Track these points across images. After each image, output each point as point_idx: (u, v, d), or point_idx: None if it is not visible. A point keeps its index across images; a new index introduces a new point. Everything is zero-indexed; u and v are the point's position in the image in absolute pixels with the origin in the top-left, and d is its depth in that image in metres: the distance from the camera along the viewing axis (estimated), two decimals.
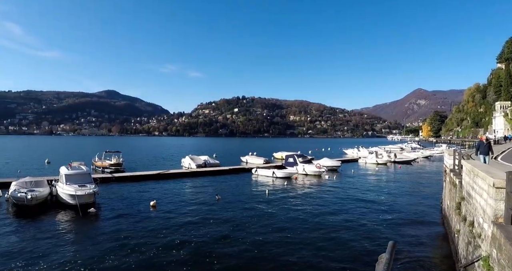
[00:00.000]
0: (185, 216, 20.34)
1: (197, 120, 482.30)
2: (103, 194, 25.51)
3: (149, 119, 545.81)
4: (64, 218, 20.22)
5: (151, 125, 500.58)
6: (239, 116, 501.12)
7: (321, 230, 17.37)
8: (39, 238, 16.20)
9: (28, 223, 19.05)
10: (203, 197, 26.40)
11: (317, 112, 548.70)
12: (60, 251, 14.36)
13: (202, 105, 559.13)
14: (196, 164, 44.84)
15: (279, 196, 27.07)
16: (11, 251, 14.26)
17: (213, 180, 35.75)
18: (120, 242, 15.39)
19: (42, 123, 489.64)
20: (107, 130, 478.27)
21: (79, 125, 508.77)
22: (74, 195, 21.84)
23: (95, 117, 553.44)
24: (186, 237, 16.06)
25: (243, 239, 15.76)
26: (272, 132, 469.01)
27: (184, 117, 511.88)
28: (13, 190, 23.11)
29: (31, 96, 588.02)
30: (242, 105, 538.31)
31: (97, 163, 44.68)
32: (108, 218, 20.21)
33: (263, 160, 53.52)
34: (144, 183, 33.04)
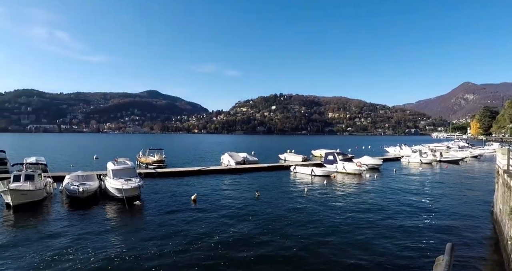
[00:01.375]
0: (225, 211, 20.89)
1: (235, 118, 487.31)
2: (147, 188, 26.81)
3: (189, 118, 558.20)
4: (111, 210, 21.51)
5: (190, 123, 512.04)
6: (276, 114, 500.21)
7: (364, 231, 16.96)
8: (88, 227, 17.45)
9: (80, 213, 20.48)
10: (242, 193, 26.95)
11: (357, 109, 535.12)
12: (106, 239, 15.41)
13: (240, 103, 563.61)
14: (235, 160, 45.62)
15: (318, 194, 26.95)
16: (64, 238, 15.54)
17: (252, 177, 36.26)
18: (162, 234, 16.18)
19: (90, 122, 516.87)
20: (150, 129, 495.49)
21: (123, 123, 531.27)
22: (121, 189, 23.11)
23: (138, 116, 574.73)
24: (225, 232, 16.52)
25: (283, 236, 15.91)
26: (310, 129, 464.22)
27: (223, 115, 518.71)
28: (67, 183, 25.06)
29: (80, 97, 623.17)
30: (279, 102, 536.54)
31: (141, 159, 46.69)
32: (152, 210, 21.23)
33: (301, 158, 53.41)
34: (185, 179, 34.17)
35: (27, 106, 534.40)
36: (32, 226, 17.87)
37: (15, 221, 18.85)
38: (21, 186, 22.30)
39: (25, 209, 20.99)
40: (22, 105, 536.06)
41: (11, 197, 20.95)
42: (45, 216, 20.04)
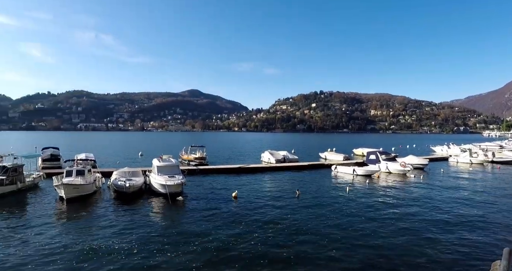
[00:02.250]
0: (265, 208, 20.96)
1: (275, 116, 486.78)
2: (189, 185, 27.52)
3: (229, 116, 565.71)
4: (155, 205, 22.27)
5: (231, 122, 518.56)
6: (317, 112, 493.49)
7: (409, 234, 16.22)
8: (133, 220, 18.25)
9: (126, 207, 21.44)
10: (283, 191, 26.90)
11: (401, 106, 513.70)
12: (150, 233, 15.99)
13: (279, 101, 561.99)
14: (276, 158, 45.65)
15: (360, 194, 26.33)
16: (110, 229, 16.42)
17: (292, 175, 36.09)
18: (203, 229, 16.50)
19: (135, 121, 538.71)
20: (191, 127, 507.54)
21: (166, 122, 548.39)
22: (165, 185, 23.84)
23: (180, 115, 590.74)
24: (264, 229, 16.55)
25: (322, 236, 15.71)
26: (351, 127, 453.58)
27: (262, 114, 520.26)
28: (114, 178, 26.31)
29: (126, 97, 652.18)
30: (320, 100, 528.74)
31: (183, 156, 47.91)
32: (194, 206, 21.78)
33: (342, 156, 52.34)
34: (226, 176, 34.68)
35: (78, 106, 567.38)
36: (82, 217, 19.05)
37: (67, 213, 20.15)
38: (73, 181, 23.69)
39: (77, 201, 22.33)
40: (73, 105, 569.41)
41: (64, 191, 22.32)
42: (94, 209, 21.15)
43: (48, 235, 15.61)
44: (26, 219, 18.70)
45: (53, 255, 13.20)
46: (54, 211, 20.48)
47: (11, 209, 20.69)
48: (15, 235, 15.72)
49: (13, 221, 18.13)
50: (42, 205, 22.12)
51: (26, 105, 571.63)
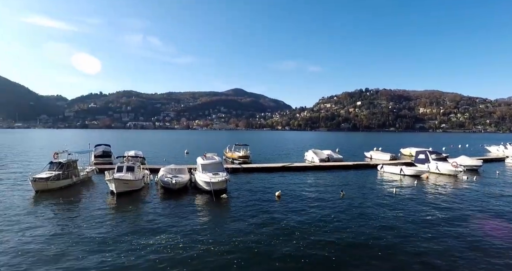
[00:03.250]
0: (308, 208, 20.65)
1: (319, 115, 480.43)
2: (233, 183, 27.77)
3: (272, 115, 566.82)
4: (200, 201, 22.71)
5: (274, 120, 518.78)
6: (362, 110, 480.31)
7: (458, 241, 15.25)
8: (179, 215, 18.78)
9: (172, 202, 22.10)
10: (326, 191, 26.40)
11: (452, 103, 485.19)
12: (194, 228, 16.33)
13: (323, 100, 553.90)
14: (320, 158, 44.97)
15: (407, 195, 25.23)
16: (157, 223, 16.96)
17: (337, 175, 35.35)
18: (246, 227, 16.58)
19: (181, 119, 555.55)
20: (235, 125, 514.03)
21: (211, 121, 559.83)
22: (209, 182, 24.24)
23: (224, 113, 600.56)
24: (307, 229, 16.29)
25: (367, 237, 15.24)
26: (398, 126, 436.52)
27: (306, 112, 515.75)
28: (161, 175, 27.20)
29: (172, 97, 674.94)
30: (365, 98, 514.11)
31: (227, 154, 48.53)
32: (237, 203, 21.90)
33: (389, 156, 50.54)
34: (269, 174, 34.63)
35: (127, 106, 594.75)
36: (130, 210, 19.92)
37: (117, 206, 21.19)
38: (123, 176, 24.80)
39: (126, 196, 23.41)
40: (123, 105, 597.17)
41: (115, 185, 23.43)
42: (142, 203, 22.00)
43: (98, 226, 16.54)
44: (80, 210, 19.92)
45: (101, 244, 13.94)
46: (105, 204, 21.59)
47: (67, 201, 22.14)
48: (70, 224, 16.86)
49: (68, 212, 19.42)
50: (94, 198, 23.42)
51: (80, 105, 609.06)
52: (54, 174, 25.83)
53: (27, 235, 15.15)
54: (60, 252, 13.15)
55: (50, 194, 24.00)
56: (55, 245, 13.93)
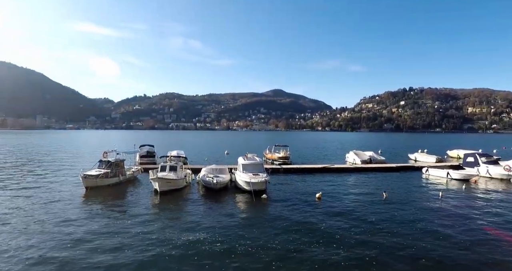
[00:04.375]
0: (349, 210, 20.26)
1: (360, 115, 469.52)
2: (273, 183, 27.88)
3: (312, 115, 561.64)
4: (240, 201, 22.99)
5: (314, 121, 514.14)
6: (405, 110, 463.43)
7: (504, 252, 14.24)
8: (219, 215, 19.14)
9: (213, 202, 22.60)
10: (368, 193, 25.80)
11: (504, 102, 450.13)
12: (233, 227, 16.57)
13: (365, 100, 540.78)
14: (361, 159, 44.00)
15: (455, 200, 23.89)
16: (198, 222, 17.46)
17: (379, 177, 34.38)
18: (286, 228, 16.49)
19: (221, 120, 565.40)
20: (275, 126, 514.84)
21: (250, 121, 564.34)
22: (249, 182, 24.44)
23: (264, 114, 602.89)
24: (347, 231, 16.00)
25: (410, 243, 14.63)
26: (445, 127, 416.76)
27: (347, 112, 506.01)
28: (203, 174, 27.84)
29: (213, 98, 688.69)
30: (409, 97, 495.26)
31: (267, 155, 48.67)
32: (277, 204, 21.87)
33: (435, 158, 48.35)
34: (309, 176, 34.39)
35: (170, 107, 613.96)
36: (173, 209, 20.63)
37: (160, 204, 22.00)
38: (166, 175, 25.64)
39: (169, 194, 24.14)
40: (166, 106, 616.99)
41: (158, 184, 24.27)
42: (184, 202, 22.69)
43: (142, 223, 17.26)
44: (125, 207, 20.93)
45: (144, 240, 14.51)
46: (149, 202, 22.46)
47: (114, 198, 23.39)
48: (115, 220, 17.74)
49: (114, 208, 20.44)
50: (139, 196, 24.46)
51: (125, 107, 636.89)
52: (103, 172, 27.20)
53: (75, 229, 16.12)
54: (104, 246, 13.83)
55: (99, 190, 25.37)
56: (101, 239, 14.69)
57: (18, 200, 22.32)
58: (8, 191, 25.21)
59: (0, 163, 45.20)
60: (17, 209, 19.90)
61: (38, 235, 15.12)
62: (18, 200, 22.17)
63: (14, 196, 23.34)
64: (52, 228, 16.25)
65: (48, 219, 17.73)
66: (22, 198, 22.99)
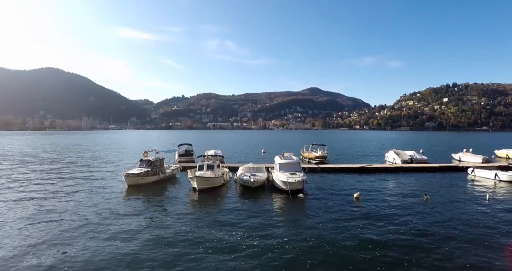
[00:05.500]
0: (389, 212, 19.66)
1: (400, 113, 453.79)
2: (310, 183, 27.66)
3: (350, 114, 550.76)
4: (276, 200, 23.02)
5: (352, 119, 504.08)
6: (449, 107, 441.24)
7: None
8: (256, 213, 19.36)
9: (250, 200, 22.83)
10: (408, 194, 24.87)
11: None
12: (270, 226, 16.66)
13: (405, 97, 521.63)
14: (402, 159, 42.59)
15: (503, 204, 22.27)
16: (234, 220, 17.75)
17: (420, 178, 33.07)
18: (322, 229, 16.26)
19: (257, 119, 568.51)
20: (311, 125, 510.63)
21: (287, 120, 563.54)
22: (286, 181, 24.39)
23: (300, 113, 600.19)
24: (385, 234, 15.50)
25: (452, 247, 13.95)
26: (493, 125, 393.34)
27: (386, 110, 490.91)
28: (240, 173, 28.19)
29: (249, 98, 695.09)
30: (452, 94, 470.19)
31: (304, 154, 48.37)
32: (314, 204, 21.71)
33: (481, 158, 45.72)
34: (347, 175, 33.81)
35: (207, 107, 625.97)
36: (211, 206, 21.16)
37: (198, 201, 22.62)
38: (204, 174, 26.21)
39: (207, 192, 24.71)
40: (203, 107, 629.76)
41: (197, 182, 24.85)
42: (222, 200, 23.11)
43: (181, 220, 17.85)
44: (165, 204, 21.67)
45: (182, 236, 15.01)
46: (188, 200, 23.11)
47: (154, 195, 24.26)
48: (156, 216, 18.49)
49: (155, 205, 21.26)
50: (178, 193, 25.22)
51: (164, 107, 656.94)
52: (144, 170, 28.22)
53: (116, 223, 16.97)
54: (142, 241, 14.37)
55: (140, 188, 26.41)
56: (140, 234, 15.34)
57: (65, 195, 23.88)
58: (57, 187, 27.00)
59: (51, 161, 48.00)
60: (63, 203, 21.36)
61: (82, 228, 16.06)
62: (65, 196, 23.71)
63: (61, 191, 25.01)
64: (95, 222, 17.27)
65: (91, 214, 18.90)
66: (69, 193, 24.64)
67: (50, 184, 28.67)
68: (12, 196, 23.42)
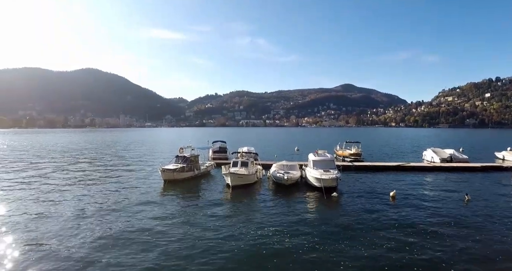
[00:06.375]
0: (426, 212, 18.99)
1: (439, 109, 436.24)
2: (344, 181, 27.21)
3: (385, 110, 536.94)
4: (310, 198, 22.90)
5: (387, 116, 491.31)
6: (491, 103, 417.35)
7: None
8: (289, 211, 19.34)
9: (283, 198, 22.86)
10: (448, 195, 23.89)
11: None
12: (303, 224, 16.63)
13: (444, 92, 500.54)
14: (440, 157, 41.05)
15: None
16: (268, 217, 17.90)
17: (460, 178, 31.68)
18: (356, 228, 15.94)
19: (290, 117, 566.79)
20: (345, 122, 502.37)
21: (320, 118, 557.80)
22: (320, 179, 24.21)
23: (333, 110, 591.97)
24: (422, 235, 14.94)
25: (495, 253, 13.28)
26: None
27: (423, 107, 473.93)
28: (273, 170, 28.25)
29: (281, 95, 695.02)
30: (495, 88, 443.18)
31: (338, 151, 47.76)
32: (348, 203, 21.42)
33: None
34: (382, 174, 33.07)
35: (239, 105, 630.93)
36: (245, 203, 21.43)
37: (232, 198, 22.95)
38: (238, 171, 26.52)
39: (240, 189, 24.99)
40: (236, 104, 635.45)
41: (231, 179, 25.18)
42: (255, 197, 23.33)
43: (215, 215, 18.25)
44: (200, 200, 22.31)
45: (215, 231, 15.31)
46: (222, 196, 23.49)
47: (189, 191, 25.08)
48: (190, 211, 19.05)
49: (190, 200, 21.96)
50: (212, 189, 25.74)
51: (198, 105, 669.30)
52: (179, 166, 28.93)
53: (151, 217, 17.67)
54: (175, 235, 14.81)
55: (176, 183, 27.20)
56: (174, 228, 15.81)
57: (105, 189, 25.25)
58: (100, 179, 28.64)
59: (93, 156, 50.18)
60: (103, 195, 22.67)
61: (119, 218, 17.18)
62: (105, 189, 25.06)
63: (103, 183, 26.43)
64: (132, 214, 18.14)
65: (129, 206, 20.07)
66: (110, 185, 26.44)
67: (92, 177, 30.37)
68: (57, 187, 24.88)
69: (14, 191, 24.34)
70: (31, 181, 28.87)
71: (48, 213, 18.40)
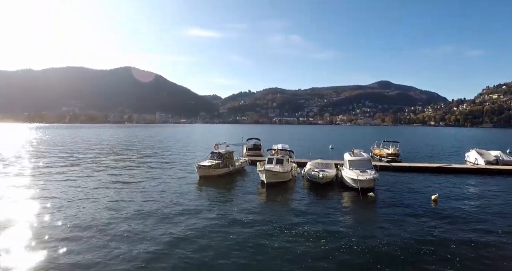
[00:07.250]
0: (472, 218, 17.81)
1: (482, 108, 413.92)
2: (381, 181, 26.39)
3: (423, 108, 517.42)
4: (345, 198, 22.31)
5: (426, 115, 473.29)
6: None
7: None
8: (324, 210, 18.97)
9: (318, 197, 22.56)
10: (494, 200, 22.40)
11: None
12: (338, 224, 16.30)
13: (488, 90, 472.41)
14: (485, 160, 38.78)
15: None
16: (302, 215, 17.78)
17: (508, 181, 29.79)
18: (395, 233, 15.07)
19: (324, 114, 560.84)
20: (381, 120, 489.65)
21: (354, 116, 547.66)
22: (356, 179, 23.50)
23: (369, 108, 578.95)
24: (469, 244, 13.84)
25: None
26: None
27: (465, 105, 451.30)
28: (308, 169, 27.80)
29: (315, 92, 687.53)
30: None
31: (375, 151, 46.41)
32: (386, 204, 20.55)
33: None
34: (422, 175, 31.67)
35: (273, 102, 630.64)
36: (279, 201, 21.36)
37: (267, 195, 22.93)
38: (273, 168, 26.27)
39: (275, 186, 24.87)
40: (269, 101, 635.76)
41: (265, 176, 25.08)
42: (290, 195, 23.15)
43: (249, 211, 18.27)
44: (234, 196, 22.59)
45: (249, 228, 15.35)
46: (256, 193, 23.52)
47: (224, 187, 25.29)
48: (224, 209, 18.98)
49: (224, 196, 22.27)
50: (247, 186, 25.81)
51: (232, 102, 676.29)
52: (214, 162, 29.18)
53: (187, 212, 17.96)
54: (209, 230, 14.93)
55: (211, 179, 27.50)
56: (209, 224, 15.94)
57: (143, 181, 26.36)
58: (137, 173, 29.73)
59: (132, 150, 51.79)
60: (141, 189, 23.53)
61: (155, 212, 17.66)
62: (143, 181, 26.19)
63: (140, 177, 27.27)
64: (168, 208, 18.59)
65: (164, 200, 20.65)
66: (147, 180, 27.35)
67: (130, 170, 31.92)
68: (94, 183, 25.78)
69: (67, 182, 25.77)
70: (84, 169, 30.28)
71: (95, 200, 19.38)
